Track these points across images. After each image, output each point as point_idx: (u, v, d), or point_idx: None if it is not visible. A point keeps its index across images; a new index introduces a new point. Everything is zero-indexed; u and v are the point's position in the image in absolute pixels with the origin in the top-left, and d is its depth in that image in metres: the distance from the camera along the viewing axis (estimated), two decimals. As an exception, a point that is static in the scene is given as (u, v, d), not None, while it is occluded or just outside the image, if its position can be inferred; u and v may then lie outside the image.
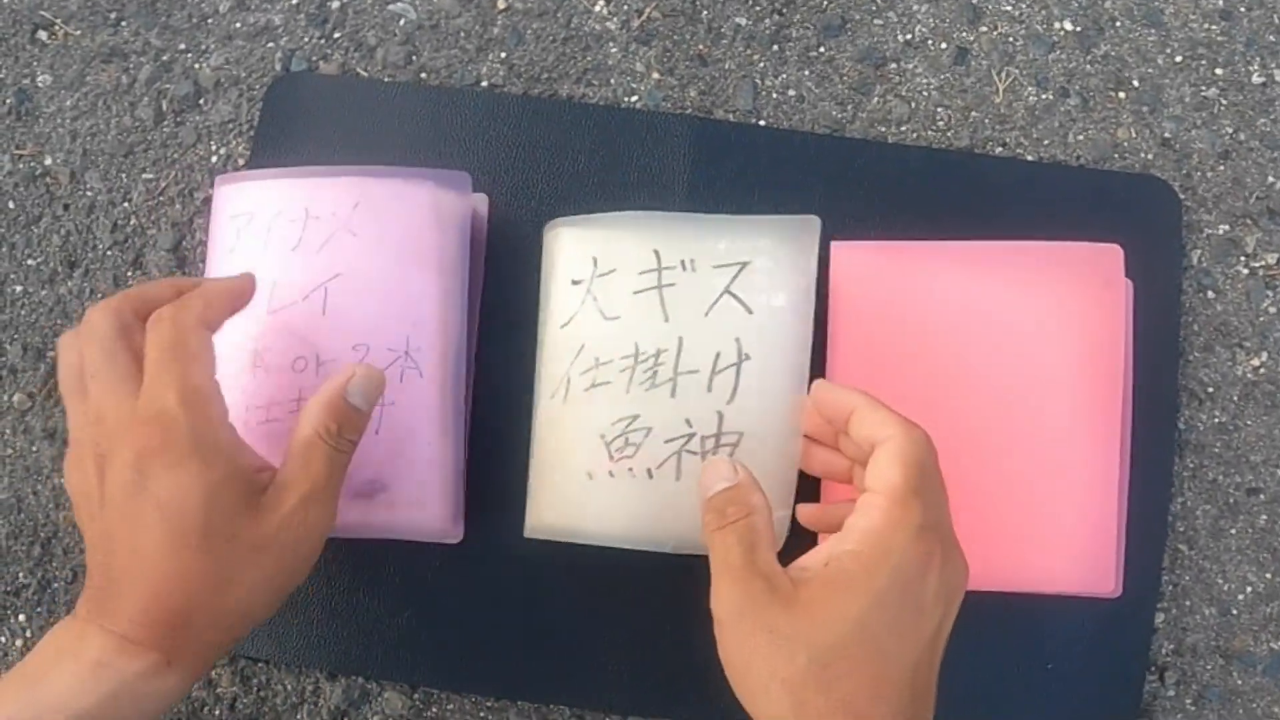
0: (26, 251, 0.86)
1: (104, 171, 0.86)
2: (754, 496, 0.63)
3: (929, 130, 0.86)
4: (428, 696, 0.80)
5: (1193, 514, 0.82)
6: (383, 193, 0.76)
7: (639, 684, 0.79)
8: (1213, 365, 0.83)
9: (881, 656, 0.57)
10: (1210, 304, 0.84)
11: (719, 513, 0.62)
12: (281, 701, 0.80)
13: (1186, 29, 0.88)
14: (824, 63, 0.87)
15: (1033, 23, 0.88)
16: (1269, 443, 0.82)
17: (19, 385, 0.84)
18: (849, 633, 0.56)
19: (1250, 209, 0.85)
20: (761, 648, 0.57)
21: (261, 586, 0.63)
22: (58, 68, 0.88)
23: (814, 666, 0.56)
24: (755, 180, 0.83)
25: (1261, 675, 0.80)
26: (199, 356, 0.62)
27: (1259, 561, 0.81)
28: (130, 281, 0.85)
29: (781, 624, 0.57)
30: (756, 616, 0.57)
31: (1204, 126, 0.86)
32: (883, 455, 0.61)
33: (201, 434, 0.60)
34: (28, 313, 0.85)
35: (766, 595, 0.57)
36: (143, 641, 0.60)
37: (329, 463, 0.64)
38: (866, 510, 0.59)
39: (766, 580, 0.58)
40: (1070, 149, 0.86)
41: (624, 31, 0.88)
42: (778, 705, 0.56)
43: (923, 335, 0.78)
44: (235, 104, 0.87)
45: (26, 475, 0.83)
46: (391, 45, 0.87)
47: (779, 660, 0.56)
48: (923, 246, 0.79)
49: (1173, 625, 0.81)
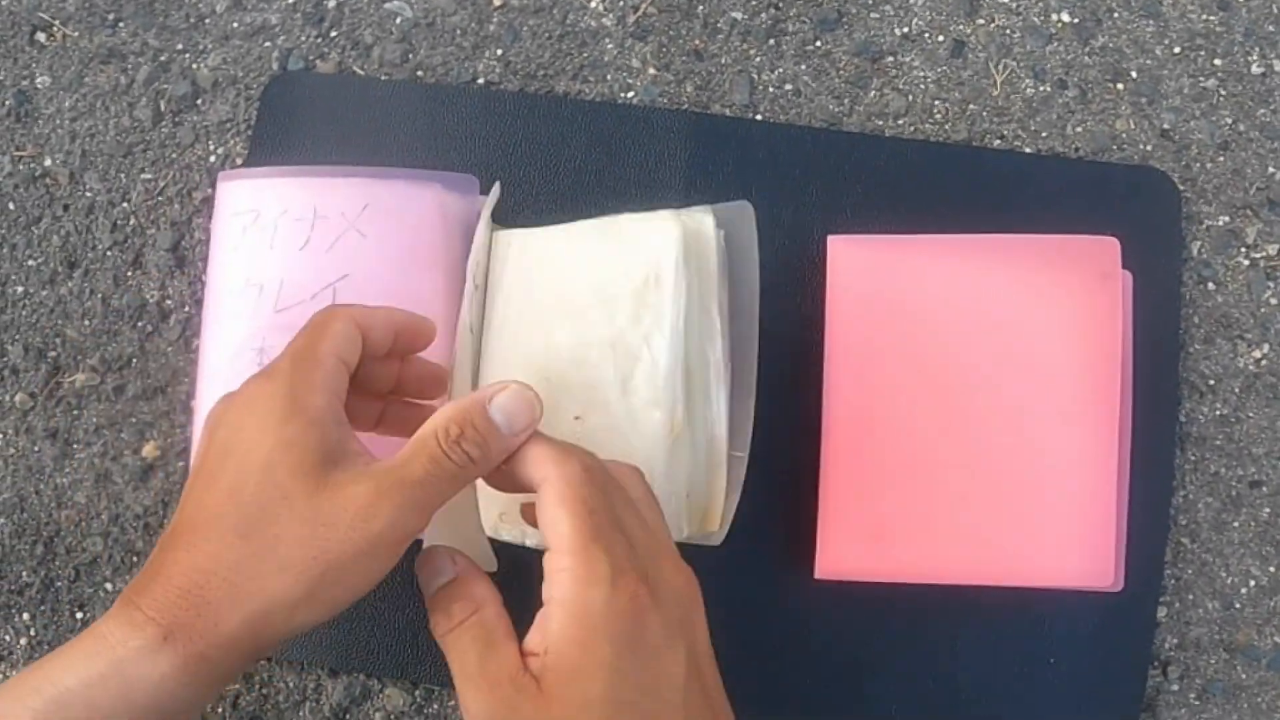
0: (27, 252, 0.86)
1: (103, 172, 0.86)
2: (478, 588, 0.58)
3: (926, 123, 0.86)
4: (429, 693, 0.80)
5: (1195, 507, 0.81)
6: (391, 194, 0.77)
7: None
8: (1214, 357, 0.83)
9: (646, 716, 0.54)
10: (1211, 296, 0.84)
11: (445, 614, 0.57)
12: (284, 699, 0.80)
13: (1185, 20, 0.87)
14: (820, 56, 0.87)
15: (1030, 15, 0.87)
16: (1271, 435, 0.82)
17: (20, 385, 0.84)
18: (605, 712, 0.53)
19: (1250, 200, 0.85)
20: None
21: (301, 569, 0.54)
22: (56, 69, 0.88)
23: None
24: (752, 175, 0.83)
25: (1266, 669, 0.80)
26: (332, 334, 0.60)
27: (1262, 555, 0.81)
28: (130, 281, 0.85)
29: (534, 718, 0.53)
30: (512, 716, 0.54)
31: (1203, 117, 0.86)
32: (547, 501, 0.57)
33: (296, 392, 0.57)
34: (29, 313, 0.85)
35: (514, 698, 0.54)
36: (146, 609, 0.54)
37: (430, 464, 0.56)
38: (556, 577, 0.55)
39: (511, 683, 0.54)
40: (1068, 141, 0.85)
41: (620, 27, 0.88)
42: None
43: (920, 329, 0.78)
44: (233, 103, 0.87)
45: (29, 475, 0.83)
46: (388, 43, 0.88)
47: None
48: (920, 240, 0.79)
49: (1175, 619, 0.80)
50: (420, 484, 0.56)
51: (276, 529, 0.54)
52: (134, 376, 0.84)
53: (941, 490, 0.75)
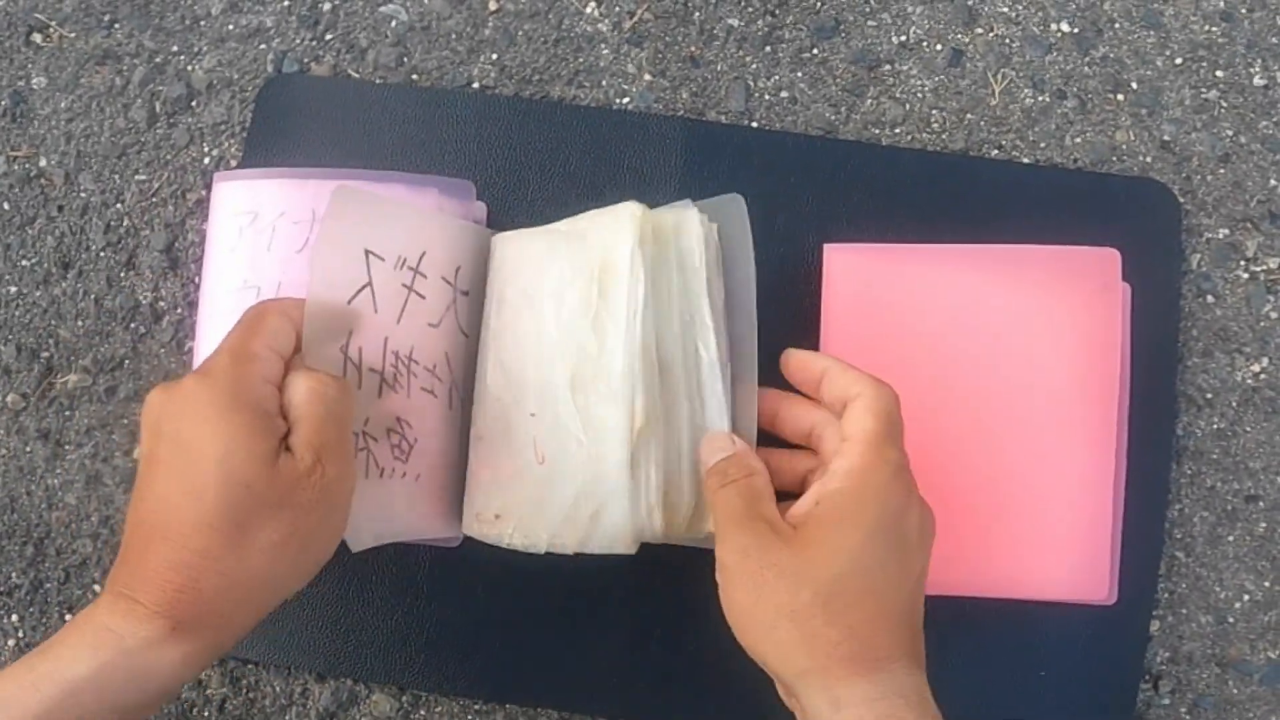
0: (21, 252, 0.86)
1: (97, 173, 0.86)
2: (753, 461, 0.66)
3: (923, 133, 0.85)
4: (416, 699, 0.80)
5: (1190, 521, 0.81)
6: (388, 197, 0.77)
7: (626, 687, 0.79)
8: (1211, 371, 0.82)
9: (879, 589, 0.60)
10: (1209, 309, 0.83)
11: (721, 474, 0.65)
12: (270, 703, 0.80)
13: (1187, 31, 0.87)
14: (817, 64, 0.87)
15: (1029, 24, 0.87)
16: (1269, 449, 0.82)
17: (13, 386, 0.84)
18: (848, 565, 0.60)
19: (1251, 213, 0.84)
20: (768, 584, 0.60)
21: (278, 549, 0.59)
22: (52, 70, 0.88)
23: (819, 599, 0.59)
24: (747, 182, 0.82)
25: (1258, 684, 0.79)
26: (266, 330, 0.63)
27: (1257, 569, 0.80)
28: (123, 283, 0.85)
29: (785, 561, 0.60)
30: (762, 556, 0.60)
31: (1204, 129, 0.85)
32: (857, 407, 0.64)
33: (238, 388, 0.60)
34: (22, 313, 0.85)
35: (770, 536, 0.61)
36: (149, 604, 0.57)
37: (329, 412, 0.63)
38: (847, 453, 0.63)
39: (768, 524, 0.62)
40: (1067, 152, 0.85)
41: (615, 33, 0.87)
42: (787, 639, 0.59)
43: (917, 340, 0.78)
44: (227, 106, 0.87)
45: (20, 476, 0.83)
46: (383, 47, 0.87)
47: (785, 595, 0.59)
48: (917, 250, 0.78)
49: (1168, 633, 0.80)
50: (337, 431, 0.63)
51: (248, 519, 0.59)
52: (126, 378, 0.84)
53: (936, 502, 0.75)
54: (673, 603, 0.78)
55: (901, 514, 0.62)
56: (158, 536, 0.58)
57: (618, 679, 0.79)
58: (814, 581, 0.59)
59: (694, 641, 0.78)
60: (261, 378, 0.61)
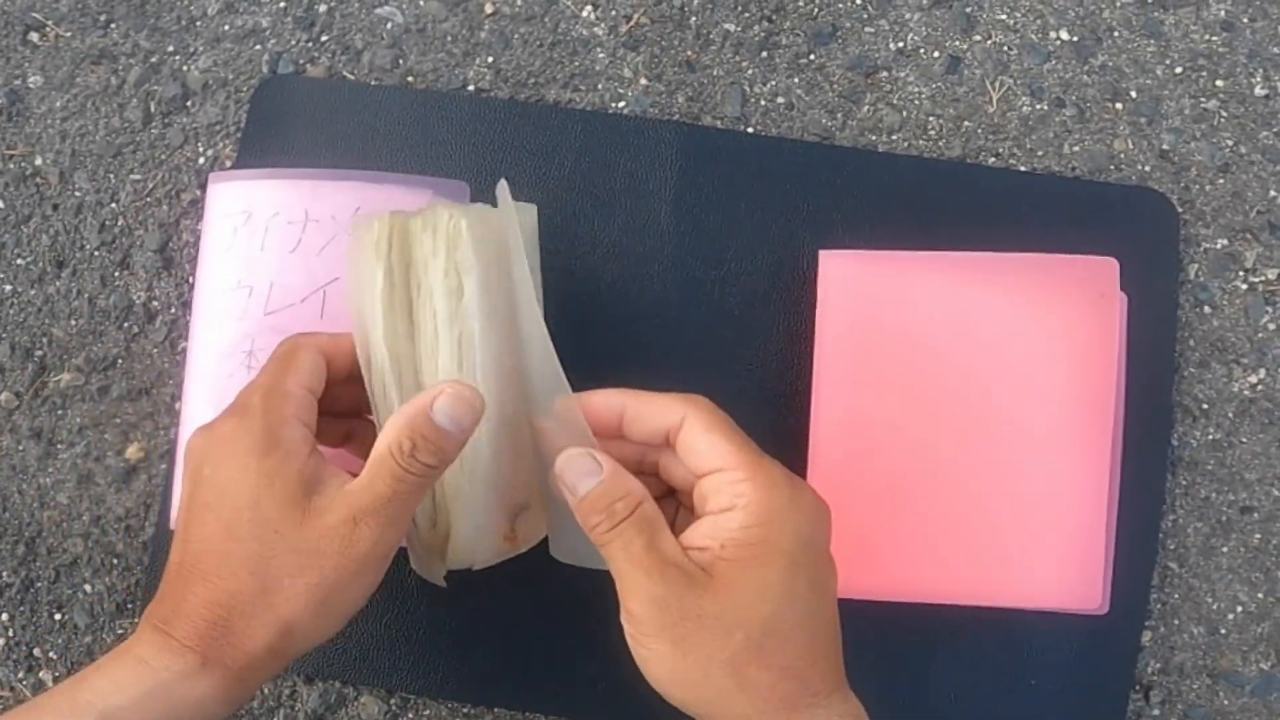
0: (15, 251, 0.86)
1: (92, 172, 0.86)
2: (630, 482, 0.61)
3: (920, 139, 0.85)
4: (404, 701, 0.80)
5: (1184, 531, 0.81)
6: (383, 198, 0.77)
7: (614, 694, 0.78)
8: (1208, 381, 0.82)
9: (805, 621, 0.58)
10: (1207, 319, 0.83)
11: (607, 512, 0.59)
12: (258, 705, 0.80)
13: (1187, 40, 0.87)
14: (814, 70, 0.86)
15: (1028, 32, 0.87)
16: (1264, 461, 0.81)
17: (6, 384, 0.84)
18: (775, 604, 0.57)
19: (1251, 223, 0.84)
20: (692, 634, 0.57)
21: (304, 597, 0.59)
22: (48, 69, 0.88)
23: (751, 643, 0.56)
24: (743, 187, 0.83)
25: (1249, 696, 0.79)
26: (299, 368, 0.63)
27: (1251, 581, 0.80)
28: (117, 282, 0.85)
29: (708, 608, 0.57)
30: (680, 606, 0.57)
31: (1204, 139, 0.85)
32: (691, 434, 0.61)
33: (271, 427, 0.61)
34: (16, 312, 0.85)
35: (684, 583, 0.57)
36: (182, 639, 0.59)
37: (395, 481, 0.60)
38: (730, 486, 0.59)
39: (679, 568, 0.58)
40: (1065, 160, 0.85)
41: (612, 37, 0.87)
42: (720, 686, 0.57)
43: (912, 347, 0.77)
44: (223, 106, 0.87)
45: (12, 474, 0.83)
46: (378, 49, 0.87)
47: (714, 645, 0.56)
48: (913, 257, 0.78)
49: (1160, 644, 0.80)
50: (390, 502, 0.60)
51: (276, 563, 0.59)
52: (119, 377, 0.84)
53: (928, 509, 0.75)
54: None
55: (813, 533, 0.59)
56: (196, 575, 0.60)
57: (605, 684, 0.78)
58: (744, 625, 0.57)
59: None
60: (294, 416, 0.62)
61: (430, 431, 0.59)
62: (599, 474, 0.60)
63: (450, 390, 0.60)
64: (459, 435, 0.60)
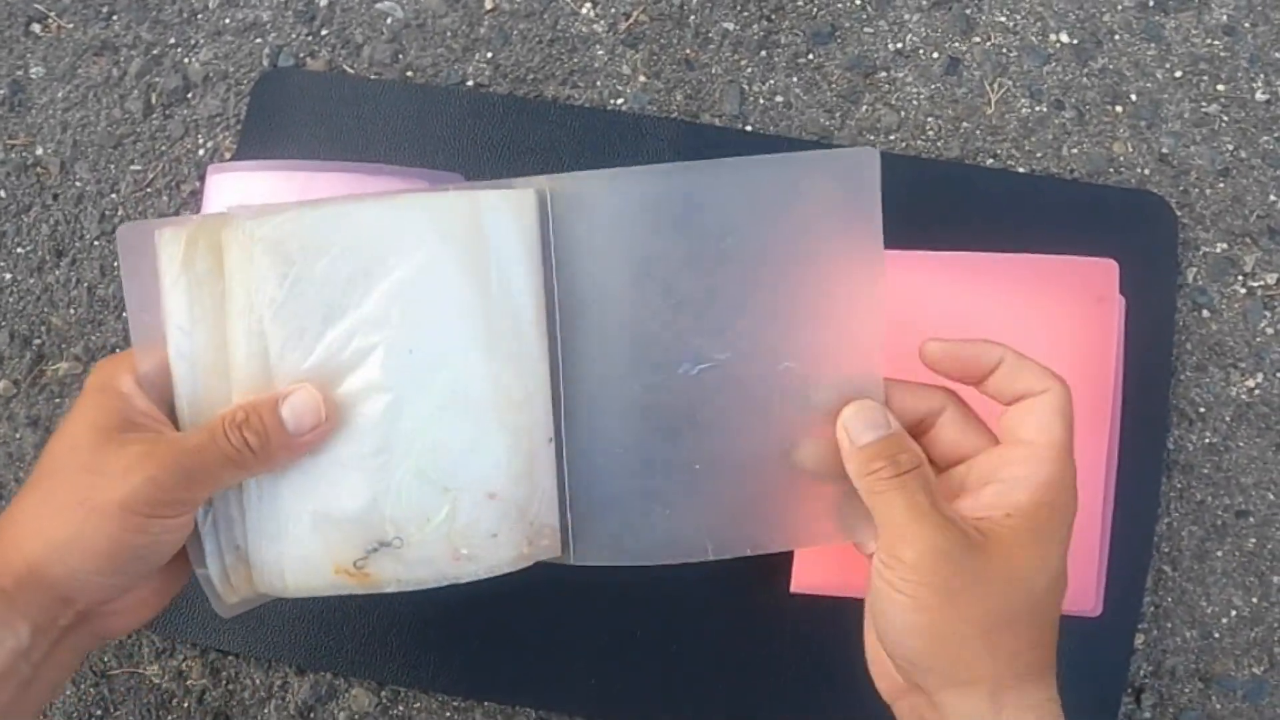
0: (15, 240, 0.86)
1: (93, 162, 0.87)
2: (914, 445, 0.61)
3: (918, 140, 0.85)
4: (395, 694, 0.80)
5: (1179, 535, 0.80)
6: (378, 189, 0.77)
7: (605, 687, 0.78)
8: (1205, 385, 0.82)
9: (1058, 600, 0.59)
10: (1205, 323, 0.83)
11: (892, 460, 0.59)
12: (250, 695, 0.80)
13: (1188, 44, 0.87)
14: (812, 69, 0.87)
15: (1028, 34, 0.87)
16: (1260, 465, 0.81)
17: (4, 373, 0.84)
18: (1044, 581, 0.58)
19: (1250, 228, 0.84)
20: (962, 592, 0.56)
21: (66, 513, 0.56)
22: (50, 60, 0.89)
23: (1012, 614, 0.57)
24: (740, 185, 0.83)
25: (1241, 700, 0.79)
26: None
27: (1245, 585, 0.80)
28: (116, 272, 0.85)
29: (983, 570, 0.57)
30: (960, 561, 0.57)
31: (1203, 143, 0.85)
32: (1042, 408, 0.60)
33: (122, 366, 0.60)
34: (15, 300, 0.85)
35: (964, 542, 0.57)
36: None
37: (208, 437, 0.58)
38: (1036, 462, 0.59)
39: (958, 528, 0.58)
40: (1064, 162, 0.85)
41: (611, 34, 0.87)
42: (972, 649, 0.57)
43: (908, 346, 0.77)
44: (223, 98, 0.87)
45: (9, 462, 0.84)
46: (378, 43, 0.88)
47: (979, 606, 0.57)
48: (910, 256, 0.78)
49: (1153, 647, 0.79)
50: (190, 451, 0.58)
51: (59, 477, 0.58)
52: (116, 367, 0.84)
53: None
54: (653, 603, 0.77)
55: (1068, 537, 0.60)
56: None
57: (597, 679, 0.78)
58: (1011, 596, 0.57)
59: (674, 642, 0.78)
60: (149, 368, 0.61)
61: (269, 417, 0.58)
62: (887, 428, 0.60)
63: (306, 389, 0.59)
64: (293, 435, 0.59)
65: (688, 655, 0.78)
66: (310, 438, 0.59)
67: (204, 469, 0.58)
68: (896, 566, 0.58)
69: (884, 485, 0.59)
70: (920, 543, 0.57)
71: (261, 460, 0.59)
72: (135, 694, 0.80)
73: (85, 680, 0.81)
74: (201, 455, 0.58)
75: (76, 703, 0.80)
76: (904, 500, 0.58)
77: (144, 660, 0.81)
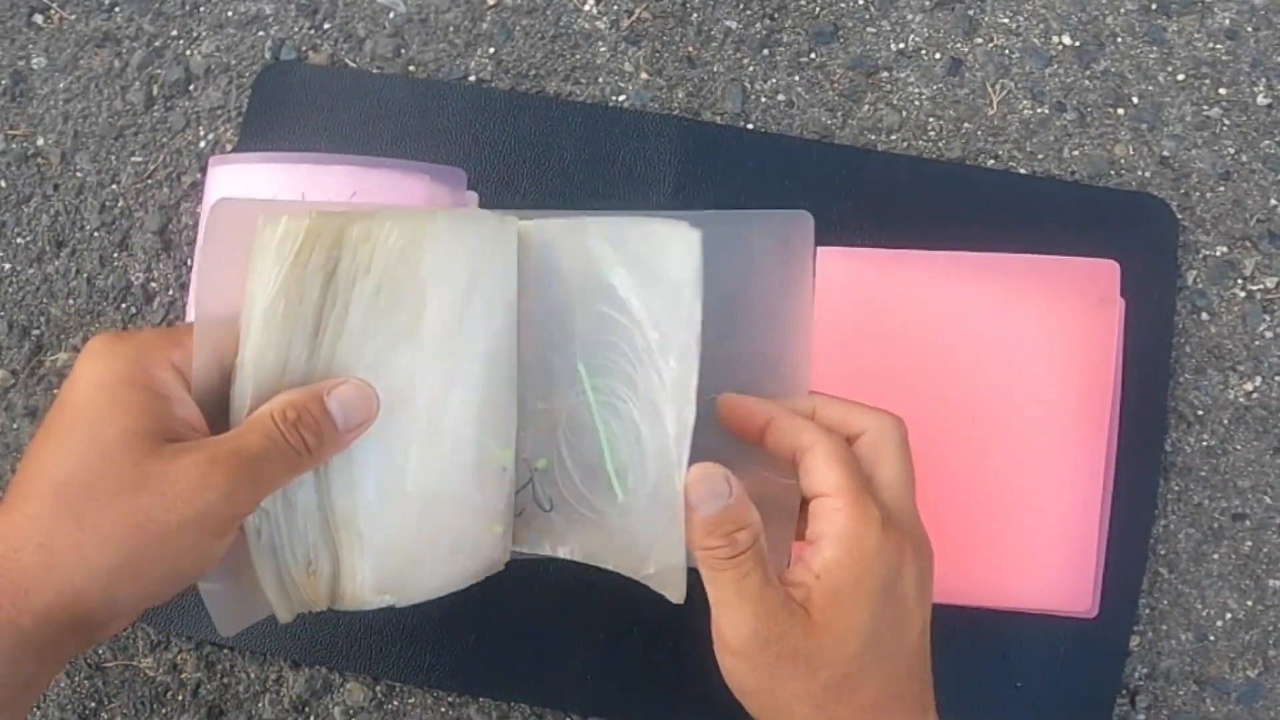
0: (15, 230, 0.86)
1: (94, 153, 0.87)
2: (753, 513, 0.58)
3: (920, 140, 0.85)
4: (389, 689, 0.80)
5: (1175, 537, 0.80)
6: (379, 182, 0.77)
7: (600, 684, 0.78)
8: (1203, 388, 0.82)
9: (885, 659, 0.58)
10: (1204, 326, 0.83)
11: (729, 539, 0.57)
12: (244, 689, 0.80)
13: (1190, 47, 0.87)
14: (814, 69, 0.87)
15: (1030, 36, 0.87)
16: (1258, 468, 0.81)
17: (2, 363, 0.84)
18: (862, 644, 0.57)
19: (1250, 231, 0.84)
20: (784, 672, 0.56)
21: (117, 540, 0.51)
22: (52, 51, 0.89)
23: (833, 681, 0.56)
24: (742, 183, 0.83)
25: (1235, 704, 0.79)
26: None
27: (1240, 588, 0.80)
28: (116, 263, 0.85)
29: (801, 647, 0.56)
30: (780, 643, 0.56)
31: (1205, 146, 0.85)
32: (817, 459, 0.59)
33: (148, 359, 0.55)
34: (14, 290, 0.85)
35: (786, 620, 0.56)
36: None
37: (268, 442, 0.54)
38: (829, 514, 0.58)
39: (783, 607, 0.57)
40: (1065, 164, 0.85)
41: (613, 31, 0.87)
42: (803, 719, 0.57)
43: (908, 345, 0.77)
44: (225, 91, 0.87)
45: (6, 452, 0.84)
46: (380, 37, 0.88)
47: (801, 683, 0.56)
48: (912, 255, 0.78)
49: (1148, 649, 0.79)
50: (256, 459, 0.54)
51: (98, 494, 0.52)
52: (115, 359, 0.84)
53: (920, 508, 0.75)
54: (650, 601, 0.77)
55: (897, 576, 0.58)
56: (8, 499, 0.54)
57: (592, 676, 0.78)
58: (829, 666, 0.56)
59: (670, 640, 0.78)
60: (179, 363, 0.56)
61: (319, 412, 0.55)
62: (727, 498, 0.58)
63: (354, 383, 0.57)
64: (342, 430, 0.56)
65: (685, 652, 0.78)
66: (355, 434, 0.57)
67: (270, 474, 0.55)
68: (723, 647, 0.58)
69: (720, 565, 0.57)
70: (744, 628, 0.56)
71: (315, 459, 0.56)
72: (129, 687, 0.80)
73: (79, 673, 0.81)
74: (269, 464, 0.54)
75: (71, 695, 0.80)
76: (736, 583, 0.57)
77: (138, 653, 0.81)
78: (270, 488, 0.55)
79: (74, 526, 0.51)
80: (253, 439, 0.54)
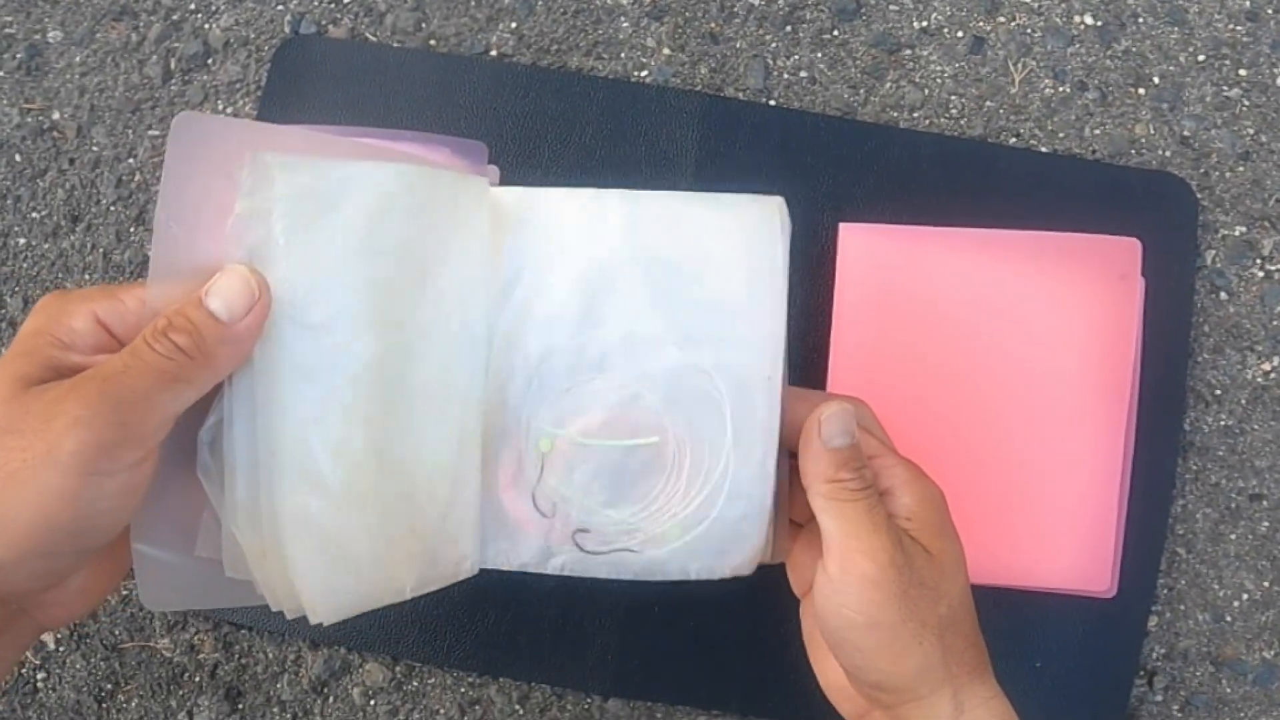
0: (31, 204, 0.85)
1: (110, 127, 0.86)
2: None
3: (942, 118, 0.85)
4: (409, 669, 0.80)
5: (1193, 517, 0.81)
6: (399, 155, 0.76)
7: (621, 664, 0.78)
8: (1222, 367, 0.82)
9: (970, 596, 0.61)
10: (1223, 305, 0.83)
11: (860, 475, 0.59)
12: (263, 670, 0.80)
13: (1211, 28, 0.86)
14: (837, 46, 0.86)
15: (1052, 15, 0.86)
16: (1275, 448, 0.81)
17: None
18: (964, 578, 0.60)
19: (1269, 211, 0.84)
20: (916, 598, 0.57)
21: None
22: (68, 24, 0.88)
23: (953, 613, 0.58)
24: (764, 159, 0.82)
25: (1251, 685, 0.79)
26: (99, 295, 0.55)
27: (1257, 569, 0.80)
28: (132, 237, 0.84)
29: (928, 576, 0.58)
30: (913, 572, 0.58)
31: (1225, 126, 0.85)
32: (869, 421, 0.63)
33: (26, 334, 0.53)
34: (30, 265, 0.85)
35: (913, 547, 0.58)
36: None
37: (131, 356, 0.50)
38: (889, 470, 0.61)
39: (909, 537, 0.59)
40: (1086, 143, 0.84)
41: (636, 6, 0.87)
42: (930, 650, 0.58)
43: (929, 321, 0.77)
44: (243, 64, 0.87)
45: (21, 428, 0.83)
46: (401, 11, 0.87)
47: (929, 609, 0.58)
48: (933, 232, 0.78)
49: (1165, 629, 0.80)
50: (113, 377, 0.50)
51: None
52: (131, 334, 0.84)
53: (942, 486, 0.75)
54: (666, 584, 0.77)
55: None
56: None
57: (613, 656, 0.78)
58: (947, 597, 0.58)
59: (690, 621, 0.78)
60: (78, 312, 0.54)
61: (195, 313, 0.51)
62: (854, 437, 0.60)
63: (230, 273, 0.52)
64: (228, 321, 0.52)
65: (706, 633, 0.78)
66: (250, 320, 0.52)
67: (135, 393, 0.50)
68: (861, 576, 0.57)
69: (851, 495, 0.58)
70: (883, 554, 0.57)
71: (201, 364, 0.51)
72: (146, 668, 0.80)
73: (95, 654, 0.80)
74: (128, 377, 0.50)
75: (87, 676, 0.80)
76: (867, 512, 0.58)
77: (155, 634, 0.81)
78: (143, 408, 0.50)
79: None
80: (114, 360, 0.51)
